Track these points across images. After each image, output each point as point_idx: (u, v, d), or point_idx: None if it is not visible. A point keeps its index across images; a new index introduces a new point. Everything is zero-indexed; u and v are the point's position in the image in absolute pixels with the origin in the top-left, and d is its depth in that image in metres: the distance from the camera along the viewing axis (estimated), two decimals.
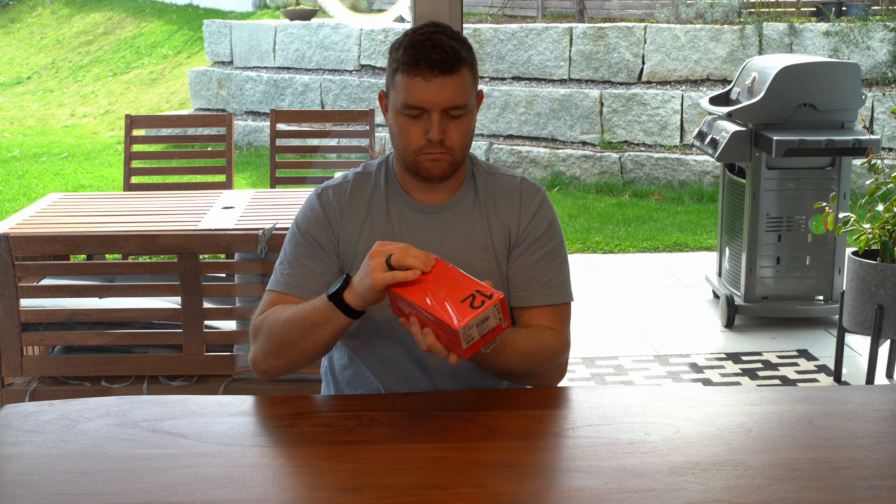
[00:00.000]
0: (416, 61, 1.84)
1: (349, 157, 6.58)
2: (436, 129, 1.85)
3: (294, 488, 1.52)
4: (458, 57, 1.86)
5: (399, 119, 1.89)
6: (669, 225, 6.85)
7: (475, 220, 1.97)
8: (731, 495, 1.48)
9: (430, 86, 1.84)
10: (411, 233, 1.95)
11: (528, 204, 1.99)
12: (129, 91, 12.54)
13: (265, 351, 1.88)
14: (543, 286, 1.96)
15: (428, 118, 1.86)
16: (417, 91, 1.84)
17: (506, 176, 2.02)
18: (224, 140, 5.12)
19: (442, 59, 1.84)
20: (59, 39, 15.21)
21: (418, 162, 1.89)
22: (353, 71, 9.61)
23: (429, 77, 1.84)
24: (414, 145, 1.88)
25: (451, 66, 1.84)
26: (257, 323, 1.91)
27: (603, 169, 8.07)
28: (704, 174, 7.80)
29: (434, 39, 1.86)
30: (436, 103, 1.85)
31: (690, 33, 8.20)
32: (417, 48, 1.85)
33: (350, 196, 1.97)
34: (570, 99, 8.31)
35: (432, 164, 1.89)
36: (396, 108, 1.88)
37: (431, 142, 1.86)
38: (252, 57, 10.33)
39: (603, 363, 4.33)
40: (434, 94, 1.84)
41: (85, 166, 9.26)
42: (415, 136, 1.87)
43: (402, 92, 1.86)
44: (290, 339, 1.83)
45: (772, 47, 7.99)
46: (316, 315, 1.80)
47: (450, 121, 1.87)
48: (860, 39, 7.78)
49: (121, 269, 3.53)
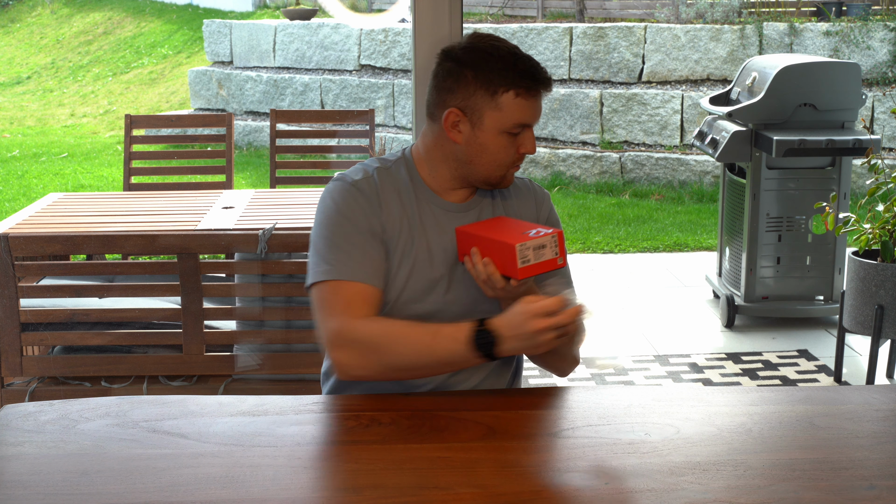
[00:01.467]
0: (533, 80, 1.88)
1: (349, 157, 6.58)
2: (533, 142, 1.93)
3: (294, 488, 1.52)
4: None
5: (501, 138, 1.89)
6: (669, 225, 6.85)
7: (496, 215, 2.01)
8: (731, 495, 1.48)
9: (538, 103, 1.91)
10: (443, 233, 1.95)
11: (542, 206, 2.06)
12: (128, 91, 12.54)
13: (365, 365, 1.81)
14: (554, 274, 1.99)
15: (523, 133, 1.91)
16: (529, 110, 1.89)
17: (514, 176, 2.06)
18: (224, 140, 5.13)
19: (546, 77, 1.90)
20: (58, 39, 15.21)
21: (506, 176, 1.95)
22: (353, 71, 9.61)
23: (537, 94, 1.90)
24: (510, 161, 1.93)
25: (548, 83, 1.91)
26: (348, 328, 1.81)
27: (603, 169, 8.07)
28: (704, 174, 7.80)
29: (523, 55, 1.90)
30: (536, 119, 1.93)
31: (690, 33, 8.20)
32: (524, 63, 1.88)
33: (382, 190, 1.93)
34: (570, 99, 8.31)
35: (513, 176, 1.97)
36: (499, 128, 1.88)
37: (524, 155, 1.94)
38: (252, 57, 10.33)
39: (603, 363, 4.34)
40: (538, 111, 1.92)
41: (85, 166, 9.26)
42: (512, 151, 1.92)
43: (514, 112, 1.87)
44: (408, 364, 1.80)
45: (772, 47, 7.99)
46: (454, 357, 1.77)
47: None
48: (860, 39, 7.78)
49: (121, 269, 3.53)
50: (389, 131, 9.06)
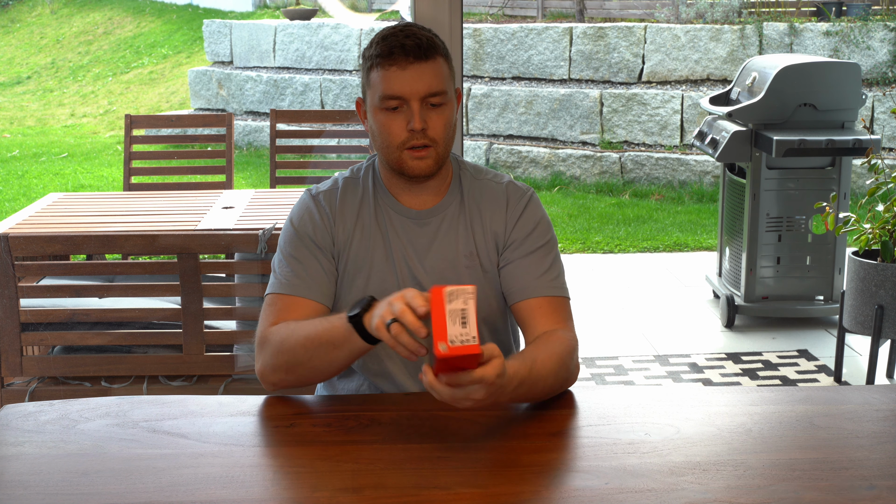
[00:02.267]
0: (389, 51, 1.83)
1: (349, 157, 6.58)
2: (416, 117, 1.83)
3: (294, 488, 1.52)
4: (433, 44, 1.85)
5: (379, 116, 1.86)
6: (669, 225, 6.85)
7: (459, 228, 1.95)
8: (731, 495, 1.48)
9: (407, 73, 1.82)
10: (398, 239, 1.94)
11: (515, 206, 1.96)
12: (129, 91, 12.54)
13: (274, 365, 1.83)
14: (539, 277, 1.92)
15: (408, 109, 1.84)
16: (395, 81, 1.83)
17: (492, 182, 1.99)
18: (224, 140, 5.13)
19: (416, 44, 1.83)
20: (59, 39, 15.20)
21: (402, 159, 1.87)
22: (353, 71, 9.61)
23: (404, 64, 1.82)
24: (396, 140, 1.86)
25: (425, 52, 1.83)
26: (264, 334, 1.85)
27: (603, 169, 8.07)
28: (704, 174, 7.80)
29: (406, 30, 1.85)
30: (414, 91, 1.83)
31: (690, 33, 8.20)
32: (389, 39, 1.84)
33: (340, 201, 1.95)
34: (570, 99, 8.31)
35: (417, 162, 1.86)
36: (375, 105, 1.86)
37: (414, 132, 1.84)
38: (252, 57, 10.33)
39: (603, 363, 4.33)
40: (411, 82, 1.82)
41: (85, 166, 9.26)
42: (396, 129, 1.85)
43: (379, 85, 1.84)
44: (304, 356, 1.78)
45: (772, 47, 7.99)
46: (333, 335, 1.73)
47: (430, 110, 1.85)
48: (860, 39, 7.78)
49: (121, 269, 3.53)
50: None
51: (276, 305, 1.89)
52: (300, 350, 1.78)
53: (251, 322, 3.29)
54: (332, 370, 1.81)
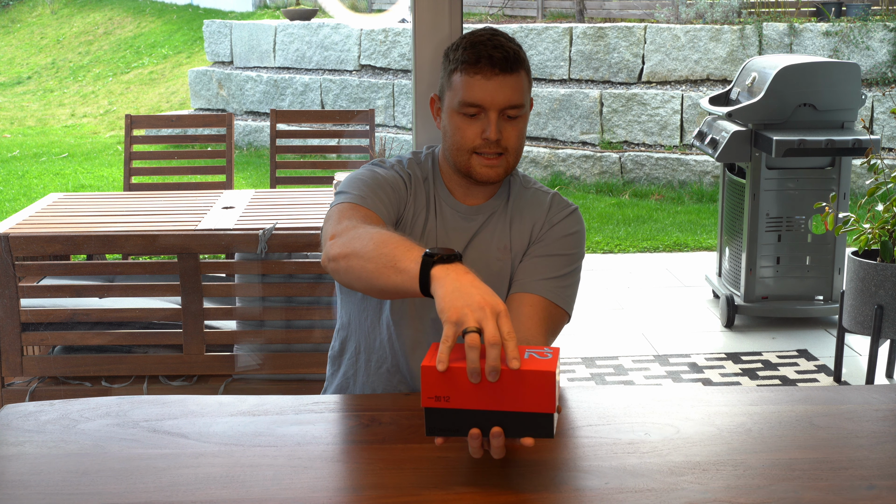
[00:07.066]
0: (476, 59, 1.85)
1: (349, 156, 6.58)
2: (493, 127, 1.86)
3: (294, 488, 1.52)
4: (518, 58, 1.88)
5: (455, 118, 1.89)
6: (669, 225, 6.85)
7: (498, 224, 1.98)
8: (731, 495, 1.48)
9: (490, 84, 1.85)
10: (444, 228, 1.96)
11: (555, 213, 1.98)
12: (129, 91, 12.54)
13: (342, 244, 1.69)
14: (548, 279, 1.91)
15: (485, 117, 1.87)
16: (477, 89, 1.85)
17: (539, 191, 2.01)
18: (224, 140, 5.13)
19: (503, 57, 1.85)
20: (59, 39, 15.21)
21: (471, 164, 1.90)
22: (353, 71, 9.61)
23: (489, 75, 1.85)
24: (469, 144, 1.88)
25: (511, 65, 1.86)
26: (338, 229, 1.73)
27: (603, 169, 8.07)
28: (704, 174, 7.81)
29: (494, 40, 1.88)
30: (494, 102, 1.86)
31: (690, 33, 8.20)
32: (478, 47, 1.86)
33: (413, 176, 1.98)
34: (570, 99, 8.31)
35: (487, 169, 1.89)
36: (453, 108, 1.89)
37: (488, 141, 1.86)
38: (252, 57, 10.33)
39: (603, 363, 4.33)
40: (493, 93, 1.85)
41: (85, 166, 9.26)
42: (470, 135, 1.88)
43: (460, 90, 1.87)
44: (371, 251, 1.62)
45: (772, 47, 7.99)
46: (403, 252, 1.58)
47: (506, 121, 1.88)
48: (860, 39, 7.78)
49: (121, 269, 3.53)
50: (389, 131, 9.06)
51: (347, 211, 1.81)
52: (370, 243, 1.65)
53: (251, 322, 3.29)
54: (375, 288, 1.64)
